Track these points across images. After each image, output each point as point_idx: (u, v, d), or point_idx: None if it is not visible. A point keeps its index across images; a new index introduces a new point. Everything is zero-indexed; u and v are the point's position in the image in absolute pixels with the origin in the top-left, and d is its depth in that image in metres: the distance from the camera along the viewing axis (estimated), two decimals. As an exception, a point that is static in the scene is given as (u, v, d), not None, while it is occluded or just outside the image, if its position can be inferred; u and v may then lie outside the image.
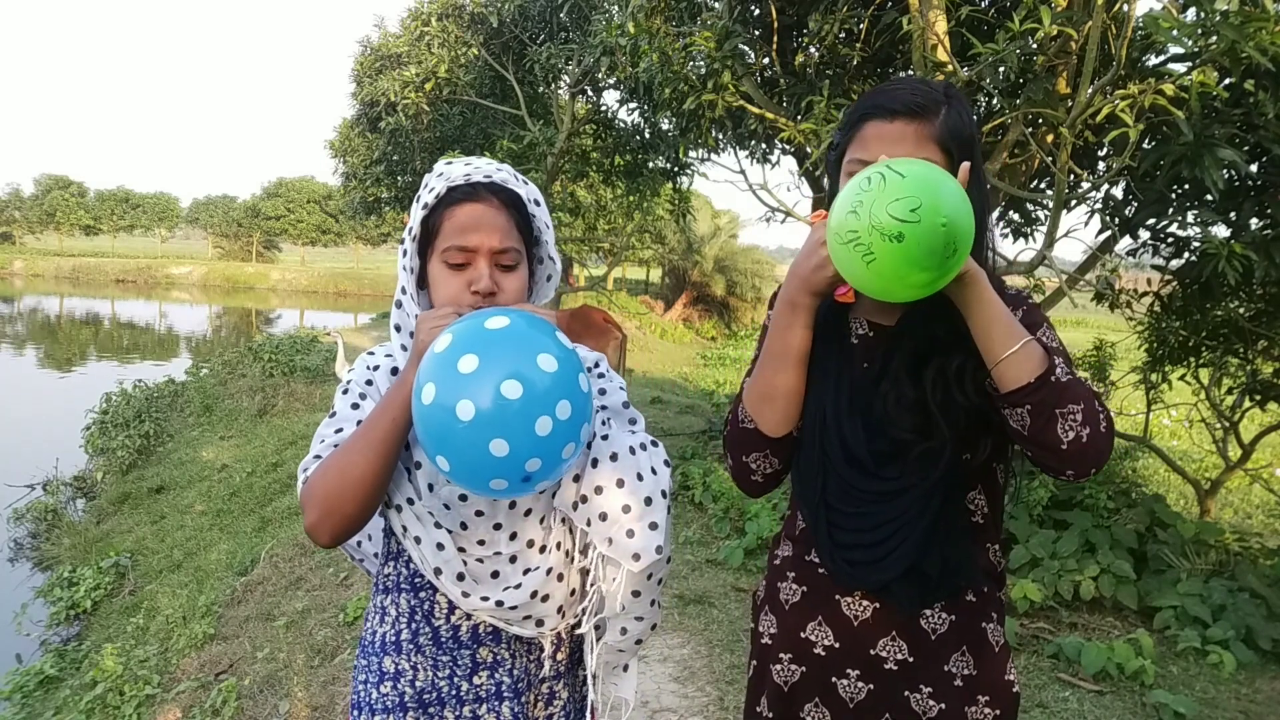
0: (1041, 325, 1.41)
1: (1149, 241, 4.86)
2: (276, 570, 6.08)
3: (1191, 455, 9.29)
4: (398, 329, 1.48)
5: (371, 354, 1.53)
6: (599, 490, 1.42)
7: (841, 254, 1.31)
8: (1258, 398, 5.78)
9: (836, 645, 1.51)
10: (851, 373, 1.49)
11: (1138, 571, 4.68)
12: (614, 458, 1.44)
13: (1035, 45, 3.97)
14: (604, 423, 1.49)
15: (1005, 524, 5.01)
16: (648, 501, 1.43)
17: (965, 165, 1.34)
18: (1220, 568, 4.79)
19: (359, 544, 1.71)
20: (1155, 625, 4.40)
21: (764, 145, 6.99)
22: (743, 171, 6.51)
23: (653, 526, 1.43)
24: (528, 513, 1.45)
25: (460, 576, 1.40)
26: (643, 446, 1.49)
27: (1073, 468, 1.32)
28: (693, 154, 9.68)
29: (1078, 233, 24.55)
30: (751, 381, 1.53)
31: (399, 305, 1.47)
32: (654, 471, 1.46)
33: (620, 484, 1.43)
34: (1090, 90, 3.74)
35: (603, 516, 1.42)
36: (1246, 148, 3.94)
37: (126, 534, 8.88)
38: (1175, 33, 3.26)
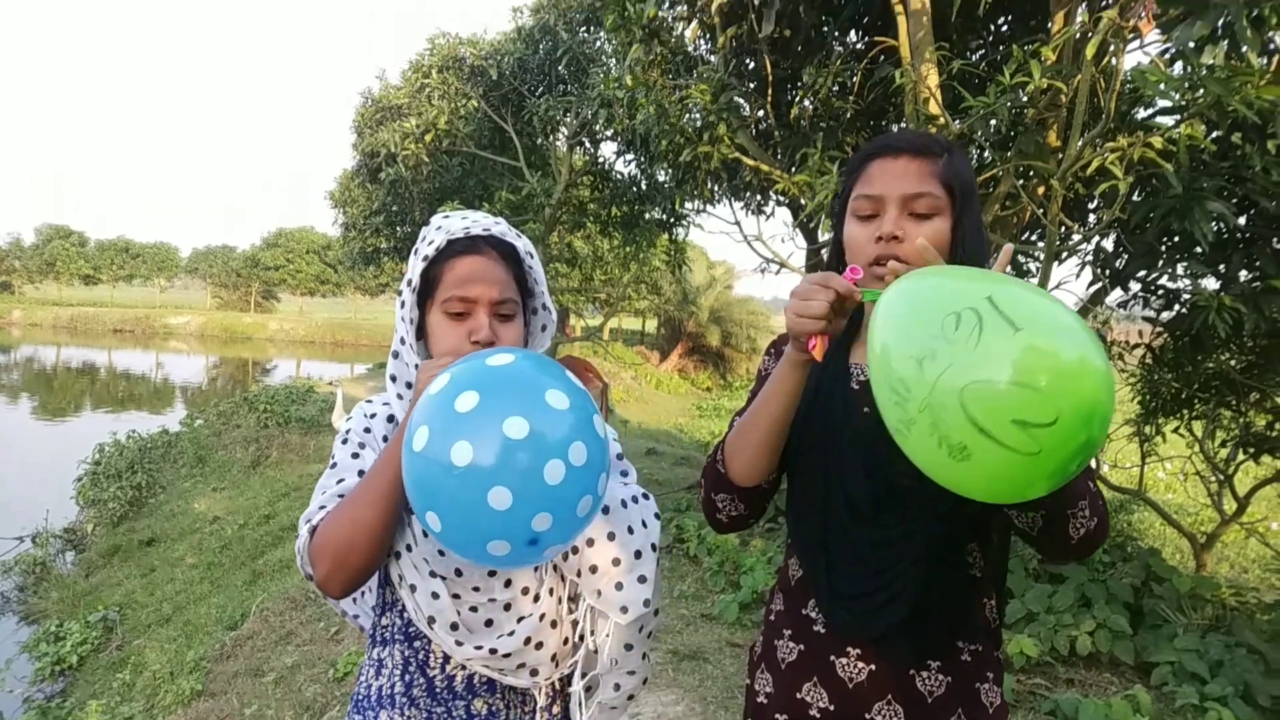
0: None
1: (1140, 293, 4.89)
2: (267, 624, 5.99)
3: (1187, 509, 9.24)
4: (394, 379, 1.49)
5: (369, 402, 1.54)
6: (590, 543, 1.42)
7: (879, 394, 1.04)
8: (1251, 450, 5.76)
9: (832, 708, 1.47)
10: (851, 419, 1.47)
11: (1134, 626, 4.62)
12: (606, 510, 1.44)
13: (1026, 98, 4.03)
14: None
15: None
16: (637, 555, 1.44)
17: (1007, 248, 1.27)
18: (1217, 623, 4.73)
19: (355, 600, 1.69)
20: (1153, 681, 4.33)
21: (759, 197, 7.07)
22: (738, 223, 6.59)
23: (641, 580, 1.44)
24: None
25: (454, 626, 1.38)
26: (634, 499, 1.50)
27: (1075, 557, 1.31)
28: (689, 205, 9.80)
29: (1069, 285, 24.80)
30: (736, 425, 1.52)
31: (396, 355, 1.48)
32: (644, 524, 1.48)
33: (611, 537, 1.43)
34: (1080, 143, 3.78)
35: (593, 569, 1.43)
36: (1235, 200, 3.98)
37: (115, 587, 8.78)
38: (1163, 86, 3.32)
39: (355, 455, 1.46)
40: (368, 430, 1.49)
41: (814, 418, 1.49)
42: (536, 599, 1.44)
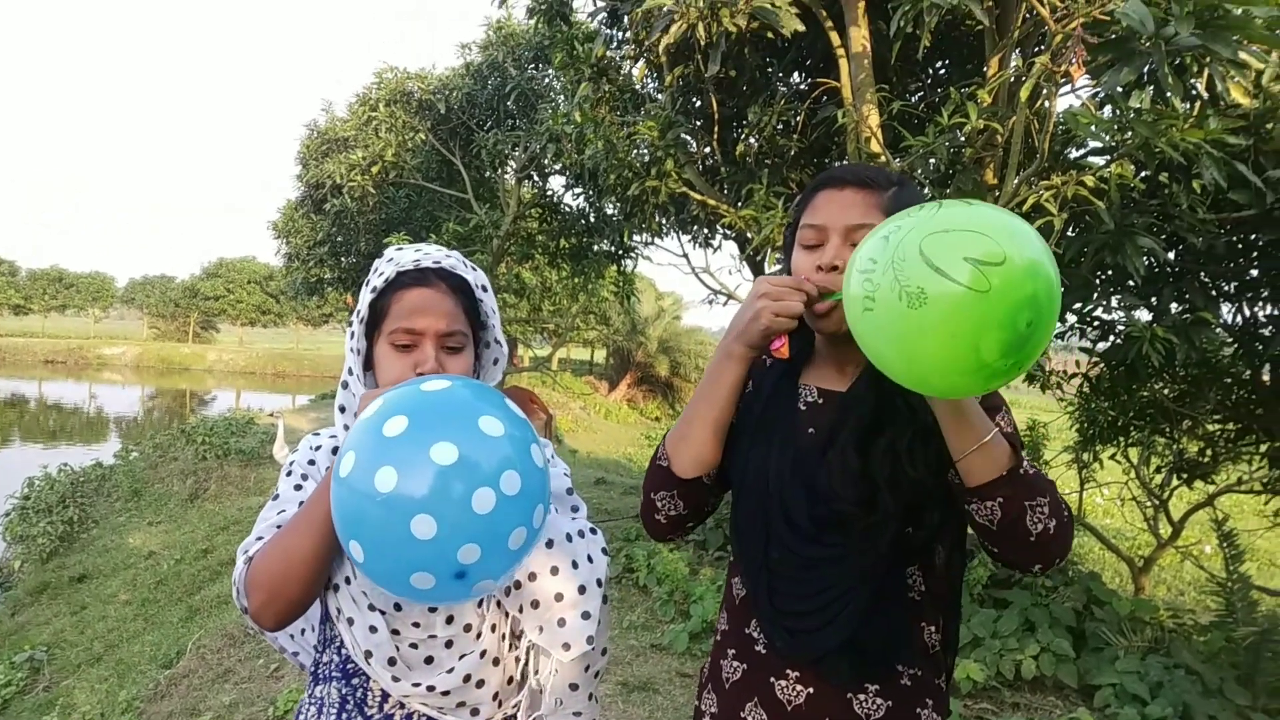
0: (1001, 409, 1.40)
1: (1076, 325, 5.03)
2: (203, 662, 5.82)
3: (1125, 533, 9.46)
4: (342, 410, 1.47)
5: (316, 435, 1.53)
6: (533, 576, 1.40)
7: (849, 289, 1.13)
8: (1184, 476, 5.94)
9: None
10: (796, 439, 1.47)
11: (1077, 649, 4.71)
12: (550, 544, 1.42)
13: (963, 138, 4.15)
14: None
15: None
16: (581, 590, 1.41)
17: None
18: (1156, 644, 4.84)
19: (293, 637, 1.65)
20: (1096, 703, 4.42)
21: (706, 230, 7.15)
22: (686, 255, 6.66)
23: (585, 615, 1.41)
24: None
25: (391, 661, 1.36)
26: (580, 534, 1.48)
27: (1040, 560, 1.31)
28: (637, 238, 9.86)
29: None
30: (679, 419, 1.52)
31: (345, 386, 1.47)
32: (590, 559, 1.45)
33: (555, 571, 1.41)
34: (1016, 181, 3.91)
35: (535, 604, 1.40)
36: (1164, 236, 4.13)
37: (44, 626, 8.47)
38: (1094, 128, 3.45)
39: (298, 487, 1.44)
40: (312, 462, 1.47)
41: (760, 434, 1.49)
42: (479, 635, 1.42)
